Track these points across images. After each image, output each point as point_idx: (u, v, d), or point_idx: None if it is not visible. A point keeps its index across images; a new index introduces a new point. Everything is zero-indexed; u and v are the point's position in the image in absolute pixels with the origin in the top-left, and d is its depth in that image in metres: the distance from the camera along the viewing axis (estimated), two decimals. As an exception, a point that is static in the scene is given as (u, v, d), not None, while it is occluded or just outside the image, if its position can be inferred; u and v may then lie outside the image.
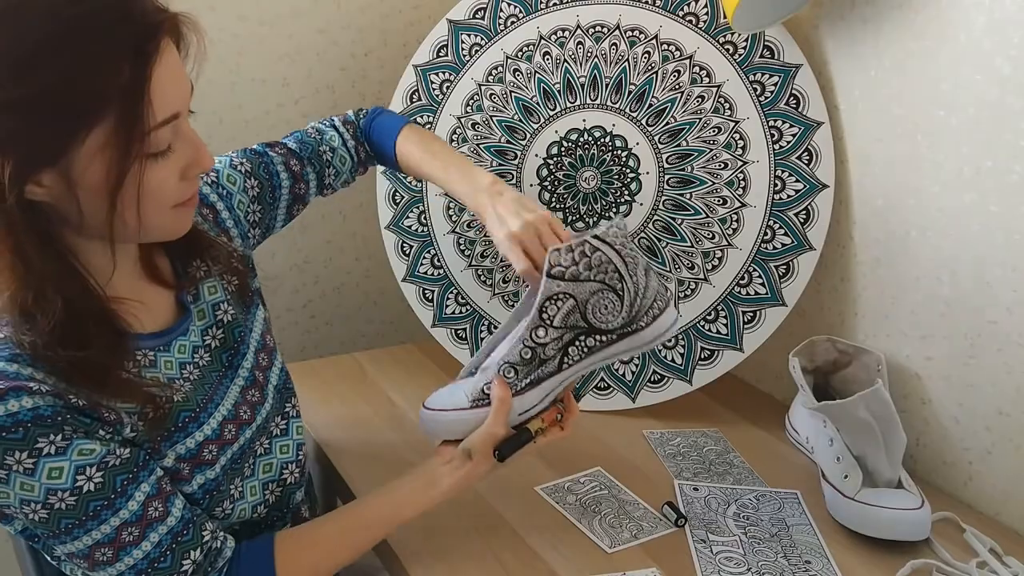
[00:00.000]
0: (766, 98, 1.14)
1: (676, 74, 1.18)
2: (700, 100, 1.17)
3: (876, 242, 1.10)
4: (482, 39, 1.27)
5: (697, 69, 1.17)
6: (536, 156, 1.24)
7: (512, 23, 1.25)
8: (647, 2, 1.19)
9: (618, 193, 1.21)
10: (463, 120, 1.27)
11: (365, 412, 1.22)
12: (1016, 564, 0.90)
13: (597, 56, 1.21)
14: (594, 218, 1.22)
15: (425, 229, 1.30)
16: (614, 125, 1.20)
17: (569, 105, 1.22)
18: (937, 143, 1.00)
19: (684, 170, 1.18)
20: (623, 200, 1.20)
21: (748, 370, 1.30)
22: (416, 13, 1.47)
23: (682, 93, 1.17)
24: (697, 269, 1.18)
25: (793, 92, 1.13)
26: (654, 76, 1.18)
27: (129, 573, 0.74)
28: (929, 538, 0.93)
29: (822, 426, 1.05)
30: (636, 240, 1.19)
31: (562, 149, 1.23)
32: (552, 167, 1.24)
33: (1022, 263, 0.93)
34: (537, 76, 1.24)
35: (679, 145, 1.18)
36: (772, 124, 1.14)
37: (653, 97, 1.18)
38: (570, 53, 1.22)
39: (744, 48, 1.15)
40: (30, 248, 0.68)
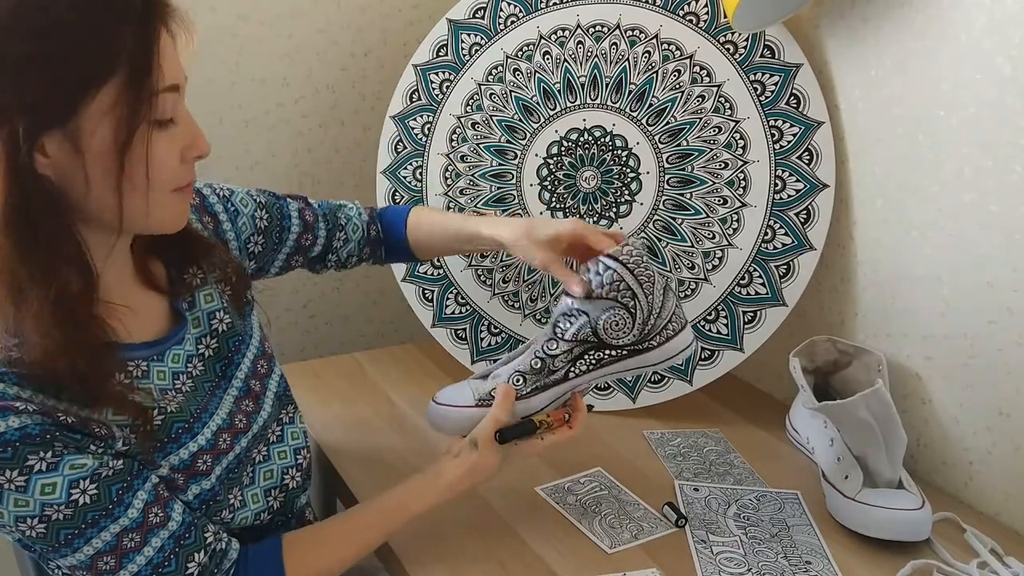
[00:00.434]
0: (766, 98, 1.14)
1: (676, 74, 1.17)
2: (700, 100, 1.17)
3: (876, 242, 1.10)
4: (482, 39, 1.27)
5: (697, 69, 1.17)
6: (536, 156, 1.24)
7: (512, 22, 1.25)
8: (647, 1, 1.19)
9: (618, 193, 1.21)
10: (463, 120, 1.27)
11: (365, 412, 1.22)
12: (1017, 564, 0.90)
13: (597, 56, 1.21)
14: (594, 218, 1.22)
15: (425, 229, 1.30)
16: (614, 125, 1.20)
17: (569, 105, 1.22)
18: (937, 143, 1.00)
19: (684, 170, 1.18)
20: (623, 200, 1.20)
21: (748, 370, 1.30)
22: (416, 13, 1.47)
23: (682, 93, 1.17)
24: (697, 269, 1.18)
25: (793, 92, 1.13)
26: (654, 76, 1.18)
27: None
28: (930, 538, 0.93)
29: (823, 426, 1.05)
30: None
31: (562, 149, 1.23)
32: (552, 167, 1.23)
33: (1022, 263, 0.93)
34: (537, 76, 1.24)
35: (679, 145, 1.18)
36: (772, 124, 1.14)
37: (653, 97, 1.18)
38: (570, 53, 1.22)
39: (744, 48, 1.15)
40: (39, 219, 0.67)
